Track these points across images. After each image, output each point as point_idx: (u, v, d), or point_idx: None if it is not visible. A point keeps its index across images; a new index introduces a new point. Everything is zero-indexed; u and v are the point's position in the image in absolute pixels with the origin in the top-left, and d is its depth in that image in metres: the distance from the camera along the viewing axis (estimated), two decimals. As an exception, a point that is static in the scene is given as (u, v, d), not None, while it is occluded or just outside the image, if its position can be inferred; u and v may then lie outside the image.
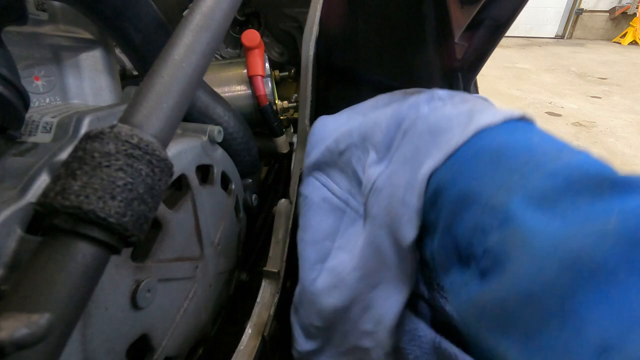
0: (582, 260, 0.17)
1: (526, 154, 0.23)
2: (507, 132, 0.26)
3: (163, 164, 0.23)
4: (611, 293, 0.16)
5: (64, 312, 0.18)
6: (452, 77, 0.57)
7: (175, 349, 0.38)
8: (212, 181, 0.44)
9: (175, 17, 0.70)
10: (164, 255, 0.35)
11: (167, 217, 0.35)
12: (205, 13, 0.26)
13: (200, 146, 0.41)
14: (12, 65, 0.28)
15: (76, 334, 0.26)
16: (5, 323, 0.16)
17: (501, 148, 0.25)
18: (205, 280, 0.43)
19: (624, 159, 2.17)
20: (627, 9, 6.56)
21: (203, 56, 0.26)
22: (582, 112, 2.90)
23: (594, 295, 0.16)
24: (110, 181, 0.20)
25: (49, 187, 0.20)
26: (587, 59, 5.11)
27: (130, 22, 0.37)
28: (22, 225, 0.24)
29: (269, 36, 0.78)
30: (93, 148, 0.20)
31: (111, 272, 0.29)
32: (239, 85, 0.66)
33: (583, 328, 0.16)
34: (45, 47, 0.38)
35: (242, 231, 0.54)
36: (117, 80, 0.45)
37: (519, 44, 6.28)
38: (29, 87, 0.36)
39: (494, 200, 0.23)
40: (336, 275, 0.34)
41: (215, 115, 0.48)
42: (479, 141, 0.26)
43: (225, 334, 0.50)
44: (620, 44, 6.54)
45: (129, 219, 0.20)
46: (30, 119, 0.32)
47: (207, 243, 0.42)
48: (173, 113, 0.24)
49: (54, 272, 0.18)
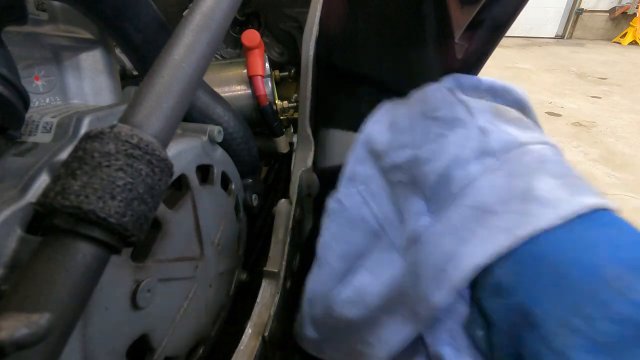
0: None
1: (592, 276, 0.21)
2: (572, 234, 0.24)
3: (163, 164, 0.22)
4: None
5: (64, 312, 0.18)
6: (452, 77, 0.57)
7: (175, 348, 0.38)
8: (212, 181, 0.44)
9: (175, 17, 0.70)
10: (164, 255, 0.35)
11: (167, 217, 0.35)
12: (205, 13, 0.26)
13: (200, 146, 0.41)
14: (12, 65, 0.28)
15: (76, 334, 0.26)
16: (5, 323, 0.16)
17: (565, 260, 0.23)
18: (205, 280, 0.43)
19: (624, 159, 2.17)
20: (627, 9, 6.56)
21: (203, 56, 0.26)
22: (582, 112, 2.90)
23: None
24: (110, 181, 0.20)
25: (49, 187, 0.20)
26: (587, 59, 5.11)
27: (130, 22, 0.37)
28: (22, 225, 0.24)
29: (269, 36, 0.77)
30: (93, 148, 0.20)
31: (111, 272, 0.29)
32: (239, 85, 0.66)
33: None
34: (45, 47, 0.38)
35: (242, 231, 0.54)
36: (117, 80, 0.45)
37: (519, 44, 6.28)
38: (29, 87, 0.36)
39: (557, 342, 0.21)
40: (359, 295, 0.35)
41: (215, 115, 0.48)
42: (537, 245, 0.24)
43: (225, 334, 0.50)
44: (620, 44, 6.54)
45: (129, 219, 0.20)
46: (30, 119, 0.32)
47: (207, 243, 0.42)
48: (173, 113, 0.24)
49: (54, 272, 0.18)
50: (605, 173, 2.01)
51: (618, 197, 1.78)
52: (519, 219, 0.25)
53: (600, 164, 2.12)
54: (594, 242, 0.23)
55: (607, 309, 0.20)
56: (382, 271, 0.35)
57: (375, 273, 0.36)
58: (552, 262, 0.23)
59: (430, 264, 0.29)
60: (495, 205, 0.26)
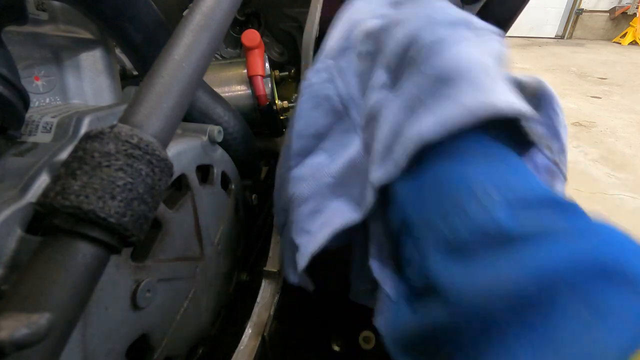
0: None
1: (465, 188, 0.22)
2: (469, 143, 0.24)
3: (163, 164, 0.22)
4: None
5: (64, 312, 0.18)
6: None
7: (175, 348, 0.38)
8: (212, 181, 0.44)
9: (175, 17, 0.70)
10: (164, 255, 0.35)
11: (167, 217, 0.35)
12: (205, 13, 0.26)
13: (200, 146, 0.41)
14: (12, 65, 0.28)
15: (76, 334, 0.26)
16: (5, 323, 0.16)
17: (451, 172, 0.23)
18: (205, 280, 0.43)
19: (623, 158, 2.17)
20: (627, 9, 6.56)
21: (203, 56, 0.26)
22: (582, 112, 2.90)
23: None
24: (110, 181, 0.20)
25: (49, 187, 0.20)
26: (587, 59, 5.11)
27: (130, 22, 0.37)
28: (22, 225, 0.24)
29: (269, 36, 0.77)
30: (93, 148, 0.20)
31: (111, 272, 0.29)
32: (239, 85, 0.66)
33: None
34: (45, 47, 0.38)
35: (242, 231, 0.54)
36: (117, 80, 0.45)
37: (519, 44, 6.28)
38: (29, 87, 0.36)
39: (422, 244, 0.23)
40: (311, 172, 0.34)
41: (215, 115, 0.48)
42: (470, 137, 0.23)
43: (225, 334, 0.50)
44: (620, 44, 6.54)
45: (129, 219, 0.20)
46: (30, 119, 0.32)
47: (207, 243, 0.42)
48: (173, 113, 0.24)
49: (54, 272, 0.18)
50: (605, 173, 2.01)
51: (618, 197, 1.78)
52: (479, 92, 0.23)
53: (600, 163, 2.12)
54: (482, 160, 0.23)
55: (467, 217, 0.21)
56: (340, 152, 0.34)
57: (330, 153, 0.35)
58: (439, 173, 0.24)
59: (380, 140, 0.27)
60: (455, 74, 0.24)
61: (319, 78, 0.36)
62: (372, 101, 0.30)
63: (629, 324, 0.15)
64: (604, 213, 1.67)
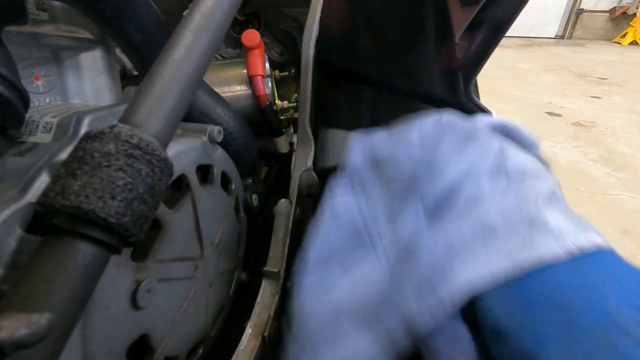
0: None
1: (604, 320, 0.20)
2: (578, 272, 0.23)
3: (163, 164, 0.22)
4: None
5: (64, 312, 0.18)
6: (452, 77, 0.57)
7: (175, 349, 0.38)
8: (212, 181, 0.44)
9: (175, 17, 0.70)
10: (164, 255, 0.35)
11: (167, 217, 0.35)
12: (205, 13, 0.26)
13: (200, 146, 0.41)
14: (12, 65, 0.28)
15: (76, 334, 0.26)
16: (5, 323, 0.16)
17: (573, 302, 0.22)
18: (205, 280, 0.43)
19: (623, 159, 2.17)
20: (627, 9, 6.57)
21: (203, 56, 0.26)
22: (582, 112, 2.90)
23: None
24: (110, 181, 0.20)
25: (49, 187, 0.20)
26: (587, 59, 5.11)
27: (130, 22, 0.37)
28: (22, 225, 0.24)
29: (269, 36, 0.78)
30: (93, 148, 0.20)
31: (111, 272, 0.29)
32: (239, 85, 0.66)
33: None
34: (45, 47, 0.38)
35: (242, 231, 0.54)
36: (117, 80, 0.45)
37: (519, 44, 6.28)
38: (29, 87, 0.36)
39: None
40: (323, 287, 0.33)
41: (215, 115, 0.48)
42: (540, 284, 0.23)
43: (225, 334, 0.50)
44: (620, 44, 6.54)
45: (129, 219, 0.20)
46: (30, 119, 0.32)
47: (207, 243, 0.42)
48: (173, 113, 0.24)
49: (54, 272, 0.18)
50: (605, 173, 2.01)
51: (618, 197, 1.78)
52: (522, 244, 0.24)
53: (600, 164, 2.12)
54: (601, 283, 0.22)
55: (616, 351, 0.20)
56: (355, 269, 0.33)
57: (347, 270, 0.34)
58: (559, 304, 0.22)
59: (417, 274, 0.27)
60: (499, 227, 0.25)
61: (343, 191, 0.36)
62: (407, 228, 0.31)
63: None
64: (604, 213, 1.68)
